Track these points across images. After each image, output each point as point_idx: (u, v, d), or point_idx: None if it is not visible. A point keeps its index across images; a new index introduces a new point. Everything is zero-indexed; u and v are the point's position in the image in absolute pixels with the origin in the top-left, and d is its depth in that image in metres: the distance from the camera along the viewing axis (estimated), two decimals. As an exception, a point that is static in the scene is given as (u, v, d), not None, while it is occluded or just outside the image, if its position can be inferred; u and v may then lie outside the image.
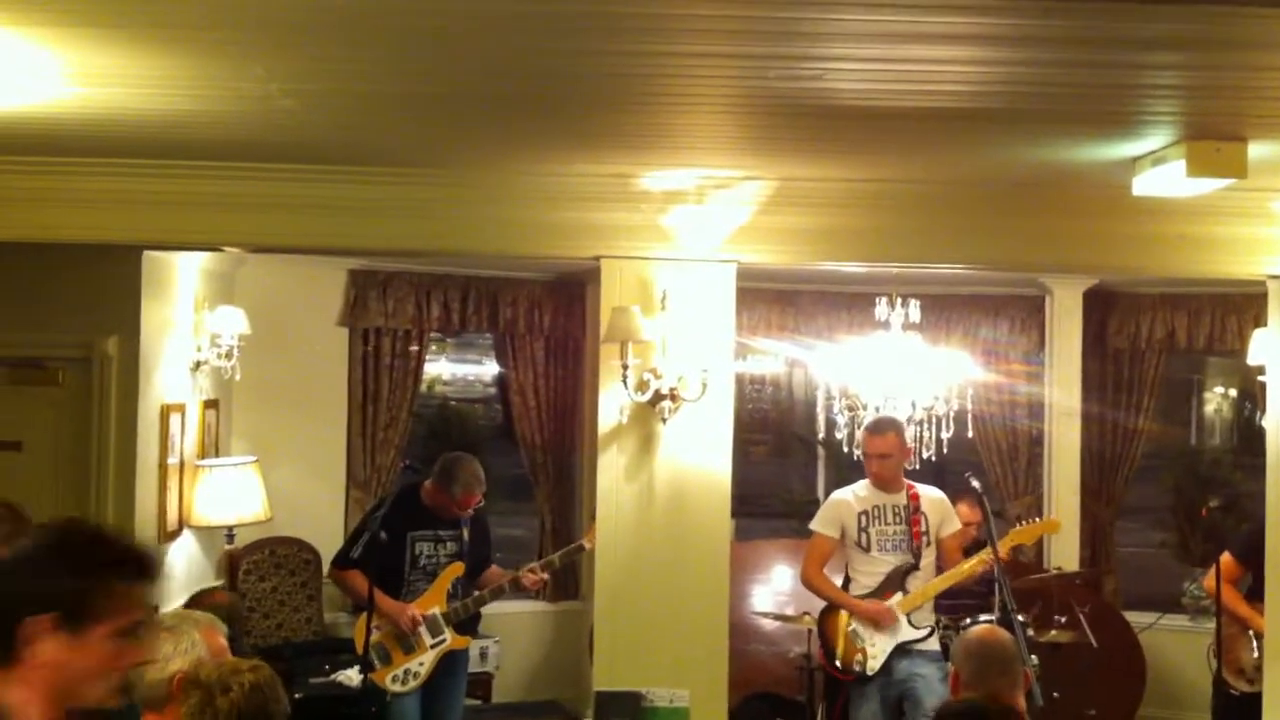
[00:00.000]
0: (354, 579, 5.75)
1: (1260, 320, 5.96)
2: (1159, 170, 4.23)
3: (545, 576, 6.09)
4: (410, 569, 5.85)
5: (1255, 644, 5.90)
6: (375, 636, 5.54)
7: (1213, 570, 5.98)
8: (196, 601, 3.97)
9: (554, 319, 8.27)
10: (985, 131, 4.17)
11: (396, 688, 5.76)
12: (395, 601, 5.76)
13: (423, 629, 5.79)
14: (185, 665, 3.09)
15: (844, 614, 5.89)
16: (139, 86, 3.73)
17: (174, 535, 6.73)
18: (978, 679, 3.63)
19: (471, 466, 5.86)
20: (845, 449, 7.09)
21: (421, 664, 5.79)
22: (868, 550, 5.87)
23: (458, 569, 5.88)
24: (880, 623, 5.77)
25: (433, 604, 5.83)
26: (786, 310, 8.45)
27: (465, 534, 5.93)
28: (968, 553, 6.10)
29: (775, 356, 8.84)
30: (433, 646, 5.80)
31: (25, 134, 4.48)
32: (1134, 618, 7.84)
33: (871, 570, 5.87)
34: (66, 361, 6.26)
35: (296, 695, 6.13)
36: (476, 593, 5.94)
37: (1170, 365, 8.41)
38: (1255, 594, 5.86)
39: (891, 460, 5.88)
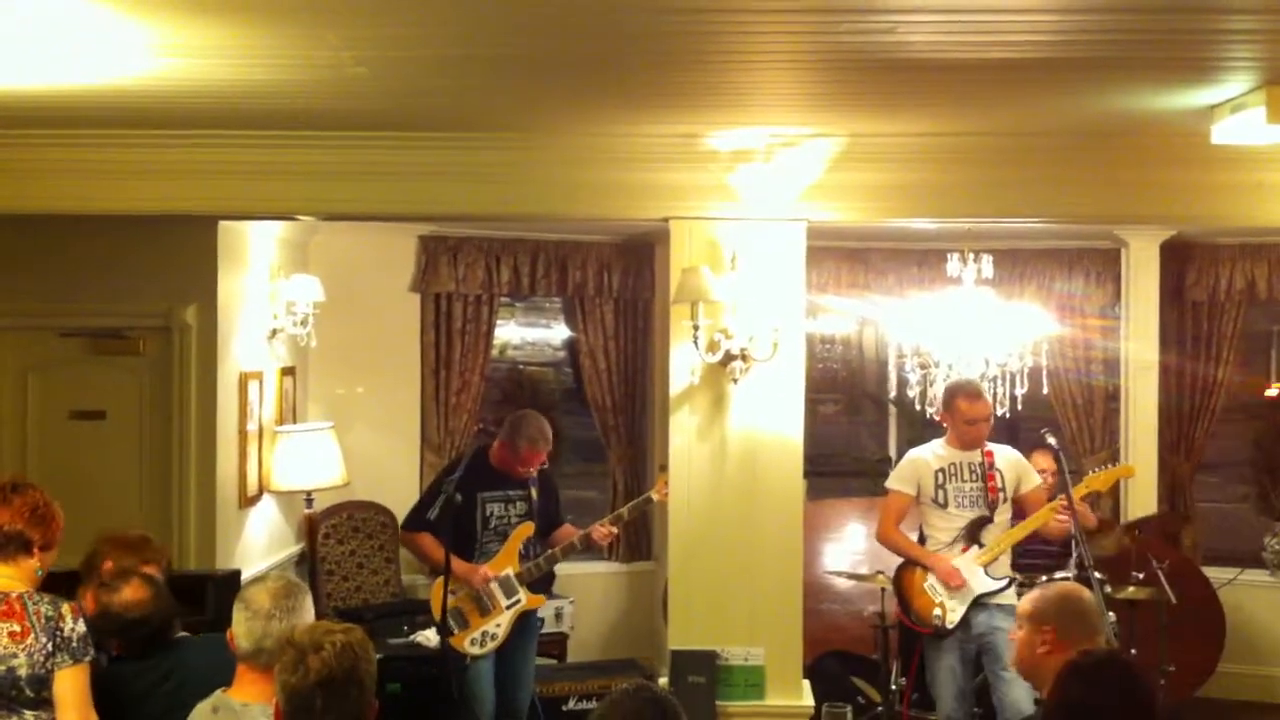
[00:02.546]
0: (425, 542, 5.77)
1: (1344, 269, 5.84)
2: (1238, 117, 4.14)
3: (615, 530, 6.08)
4: (482, 530, 5.86)
5: None
6: (452, 601, 5.54)
7: None
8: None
9: (623, 281, 8.28)
10: (1059, 82, 4.10)
11: (475, 650, 5.78)
12: (466, 563, 5.76)
13: (496, 589, 5.83)
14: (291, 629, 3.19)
15: (920, 569, 5.89)
16: (219, 58, 3.78)
17: (254, 500, 6.86)
18: (1064, 631, 3.59)
19: (537, 423, 5.83)
20: (917, 407, 7.06)
21: (499, 625, 5.83)
22: (945, 506, 5.86)
23: (528, 529, 5.90)
24: (949, 583, 5.76)
25: (505, 564, 5.86)
26: (857, 268, 8.40)
27: (534, 493, 5.95)
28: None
29: (846, 315, 8.80)
30: (508, 607, 5.83)
31: (106, 107, 4.56)
32: (1214, 573, 7.74)
33: (948, 526, 5.86)
34: (147, 331, 6.37)
35: (377, 656, 6.24)
36: (549, 551, 5.96)
37: (1250, 317, 8.26)
38: None
39: (988, 425, 5.88)
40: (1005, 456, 5.95)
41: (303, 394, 7.66)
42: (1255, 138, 4.24)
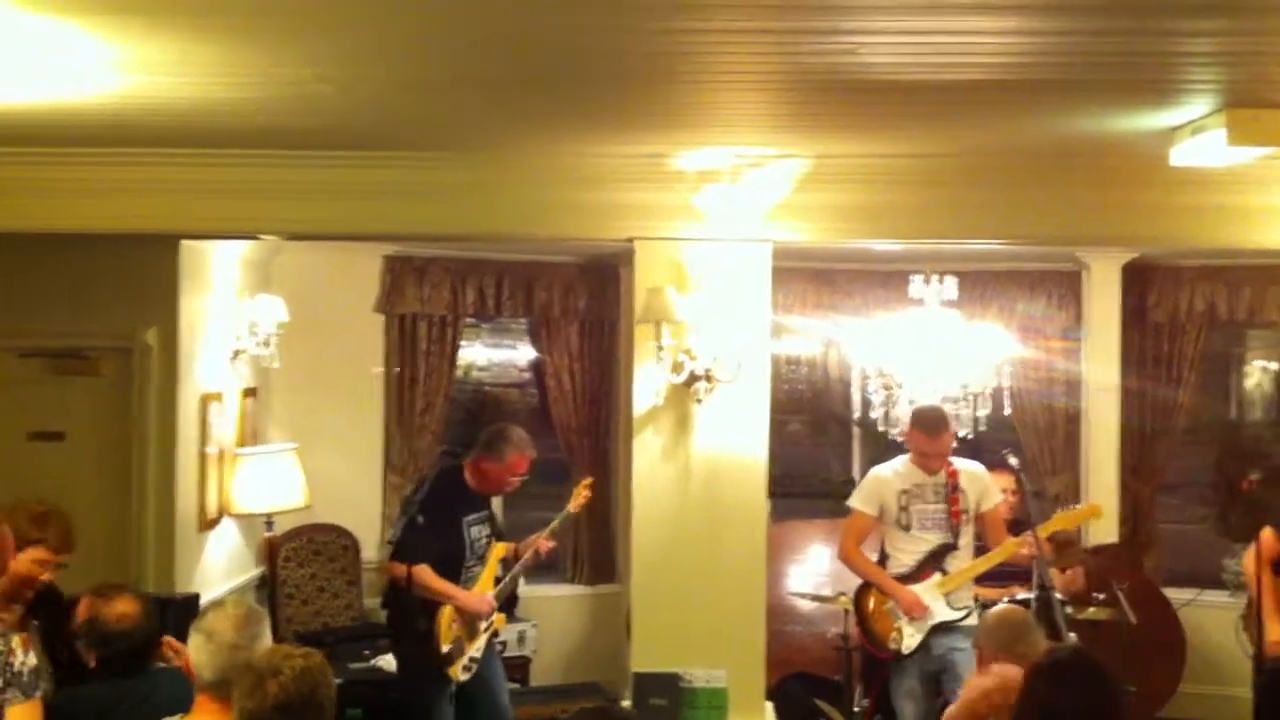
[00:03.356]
0: (425, 575, 5.46)
1: (1302, 291, 5.91)
2: (1198, 140, 4.19)
3: (553, 543, 5.94)
4: (469, 555, 5.72)
5: None
6: (456, 630, 5.52)
7: (1251, 550, 5.94)
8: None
9: (588, 302, 8.28)
10: (1021, 103, 4.13)
11: (465, 677, 5.67)
12: (469, 594, 5.64)
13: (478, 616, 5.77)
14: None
15: (880, 593, 5.88)
16: (181, 75, 3.75)
17: (214, 523, 6.79)
18: (1003, 648, 3.65)
19: (520, 431, 5.80)
20: (881, 428, 7.08)
21: (479, 649, 5.77)
22: (907, 529, 5.85)
23: (502, 549, 5.84)
24: (910, 614, 5.74)
25: (487, 587, 5.81)
26: (822, 289, 8.43)
27: (492, 513, 5.90)
28: (1011, 533, 6.05)
29: (811, 336, 8.82)
30: (485, 630, 5.78)
31: (67, 125, 4.53)
32: (1174, 594, 7.79)
33: (911, 549, 5.85)
34: (107, 351, 6.32)
35: (337, 681, 6.17)
36: (514, 571, 5.86)
37: (1210, 339, 8.33)
38: None
39: (941, 460, 5.85)
40: (970, 473, 5.94)
41: (265, 415, 7.60)
42: (1215, 159, 4.28)
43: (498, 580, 5.82)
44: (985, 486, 5.97)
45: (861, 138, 4.88)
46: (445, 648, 5.49)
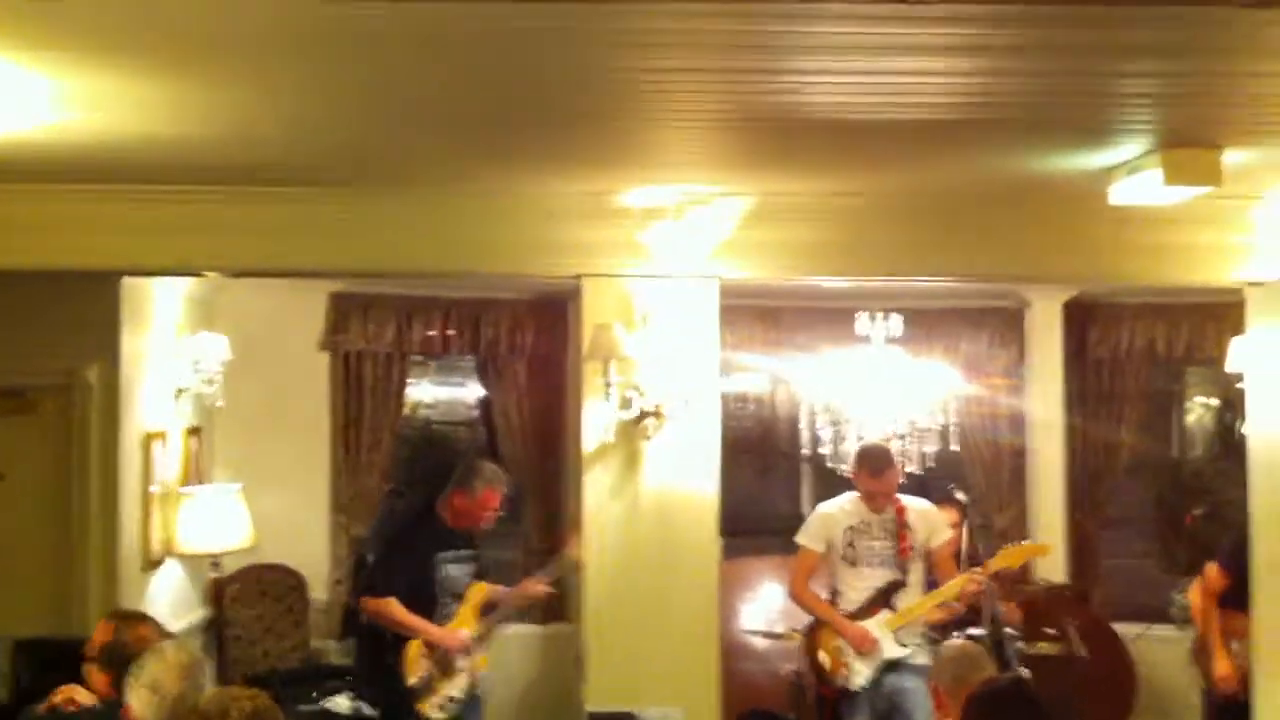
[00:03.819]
0: (393, 609, 5.54)
1: (1239, 328, 6.00)
2: (1136, 179, 4.26)
3: (546, 587, 5.94)
4: (441, 592, 5.68)
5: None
6: (425, 666, 5.48)
7: (1195, 584, 6.02)
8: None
9: (536, 339, 8.25)
10: (963, 142, 4.19)
11: (439, 715, 5.59)
12: (439, 628, 5.61)
13: (453, 655, 5.71)
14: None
15: (831, 628, 5.88)
16: (122, 110, 3.73)
17: (158, 564, 6.69)
18: (958, 683, 3.67)
19: (491, 466, 5.84)
20: (830, 465, 7.10)
21: (460, 689, 5.69)
22: (855, 565, 5.86)
23: (483, 589, 5.79)
24: (860, 649, 5.75)
25: (466, 625, 5.75)
26: (769, 327, 8.46)
27: (477, 553, 5.84)
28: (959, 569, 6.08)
29: (759, 373, 8.85)
30: (464, 669, 5.70)
31: (3, 160, 4.46)
32: (1122, 628, 7.84)
33: (859, 585, 5.86)
34: (47, 390, 6.23)
35: (285, 722, 6.09)
36: (503, 611, 5.84)
37: (1151, 375, 8.44)
38: (1234, 602, 5.87)
39: (887, 498, 5.88)
40: (918, 510, 5.96)
41: (209, 454, 7.51)
42: (1152, 198, 4.36)
43: (479, 618, 5.76)
44: (934, 524, 5.99)
45: (807, 175, 4.92)
46: (411, 680, 5.45)
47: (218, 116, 3.84)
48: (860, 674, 5.74)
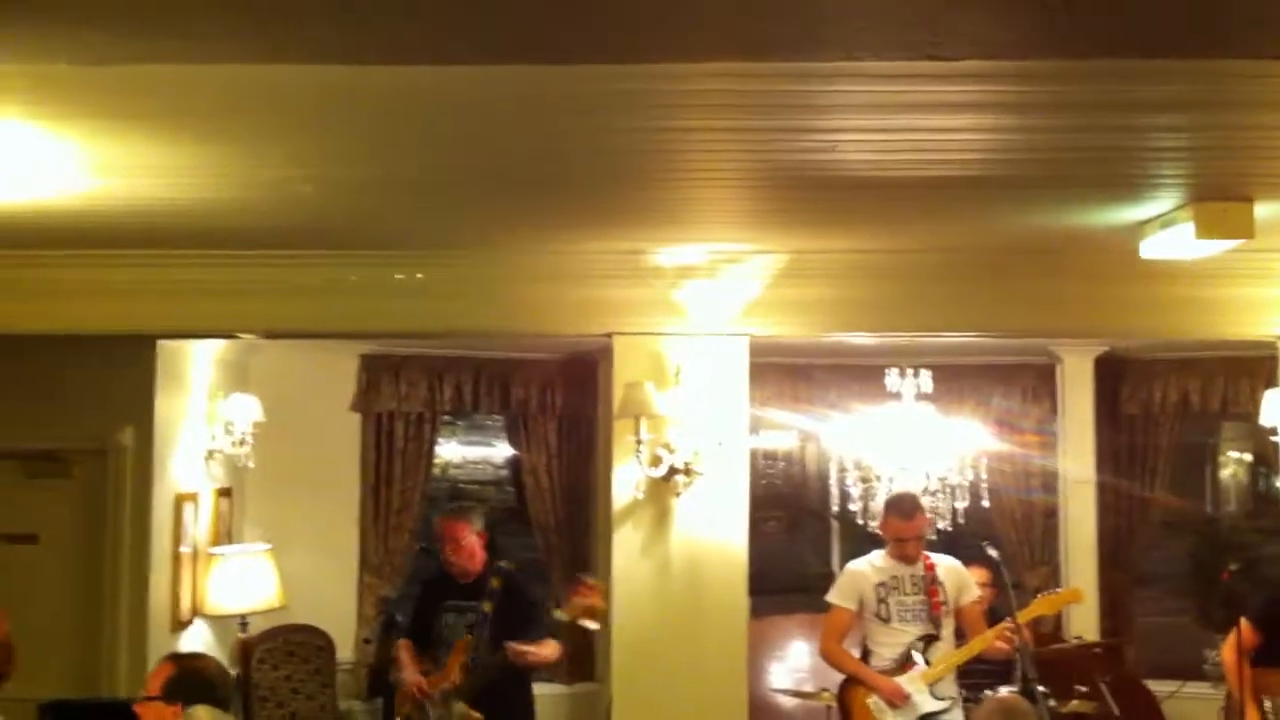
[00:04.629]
0: (399, 649, 5.83)
1: (1272, 381, 5.96)
2: (1167, 233, 4.26)
3: (529, 649, 5.52)
4: (437, 640, 5.71)
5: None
6: (405, 709, 5.52)
7: (1229, 640, 5.93)
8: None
9: (566, 398, 8.27)
10: (994, 198, 4.20)
11: None
12: (413, 674, 5.68)
13: (434, 704, 5.68)
14: None
15: (865, 687, 5.82)
16: (157, 176, 3.78)
17: (186, 624, 6.69)
18: None
19: (454, 506, 5.96)
20: (860, 521, 7.07)
21: None
22: (888, 621, 5.81)
23: (465, 643, 5.74)
24: (894, 704, 5.70)
25: (445, 679, 5.71)
26: (799, 384, 8.45)
27: (486, 606, 5.78)
28: (990, 625, 6.03)
29: (789, 431, 8.84)
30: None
31: (41, 227, 4.53)
32: (1156, 686, 7.74)
33: (892, 642, 5.80)
34: (81, 453, 6.26)
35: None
36: (485, 661, 5.77)
37: (1184, 430, 8.39)
38: (1267, 659, 5.78)
39: (919, 543, 5.84)
40: (947, 567, 5.92)
41: (239, 515, 7.53)
42: (1184, 252, 4.35)
43: (466, 671, 5.71)
44: (963, 580, 5.95)
45: (837, 234, 4.94)
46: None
47: (250, 181, 3.89)
48: (897, 732, 5.68)
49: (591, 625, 5.58)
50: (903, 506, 5.87)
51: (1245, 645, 5.84)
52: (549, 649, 5.69)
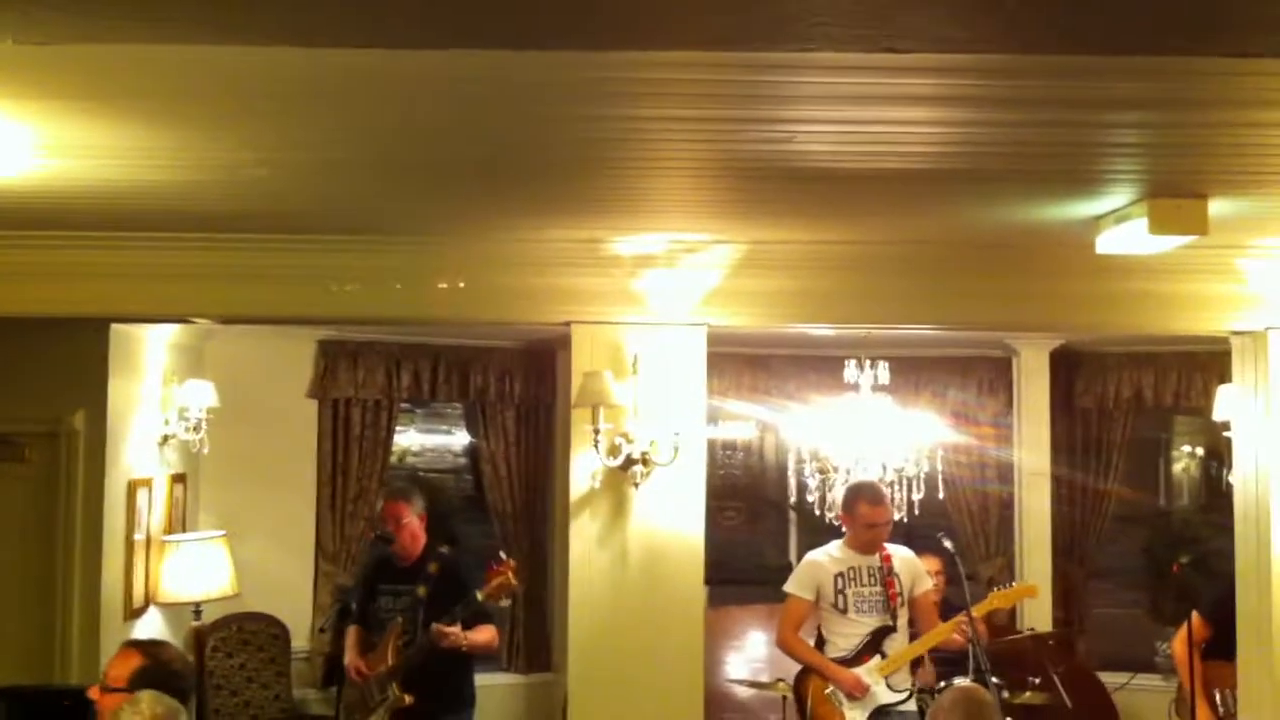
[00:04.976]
0: (346, 637, 6.01)
1: (1225, 377, 6.02)
2: (1122, 228, 4.28)
3: (451, 630, 5.57)
4: (373, 623, 5.86)
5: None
6: (349, 697, 5.61)
7: (1180, 633, 5.99)
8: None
9: (525, 387, 8.26)
10: (951, 192, 4.22)
11: None
12: (354, 657, 5.83)
13: (372, 686, 5.70)
14: None
15: (821, 678, 5.85)
16: (109, 158, 3.72)
17: (140, 612, 6.64)
18: None
19: (395, 486, 6.03)
20: (818, 512, 7.09)
21: None
22: (845, 612, 5.84)
23: (396, 626, 5.74)
24: (853, 694, 5.73)
25: (380, 662, 5.72)
26: (758, 374, 8.48)
27: (421, 590, 5.76)
28: (944, 617, 6.09)
29: (747, 422, 8.86)
30: (380, 703, 5.64)
31: (-8, 207, 4.47)
32: (1108, 678, 7.83)
33: (849, 632, 5.84)
34: (33, 437, 6.19)
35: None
36: (415, 644, 5.68)
37: (1138, 424, 8.46)
38: (1217, 652, 5.85)
39: (887, 528, 5.89)
40: (902, 558, 5.97)
41: (194, 502, 7.48)
42: (1138, 247, 4.38)
43: (398, 654, 5.70)
44: (917, 571, 6.00)
45: (796, 225, 4.94)
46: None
47: (204, 164, 3.84)
48: (854, 722, 5.72)
49: (504, 603, 5.84)
50: (873, 493, 5.93)
51: (1196, 638, 5.91)
52: (483, 634, 5.70)
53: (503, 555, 5.94)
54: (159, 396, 6.85)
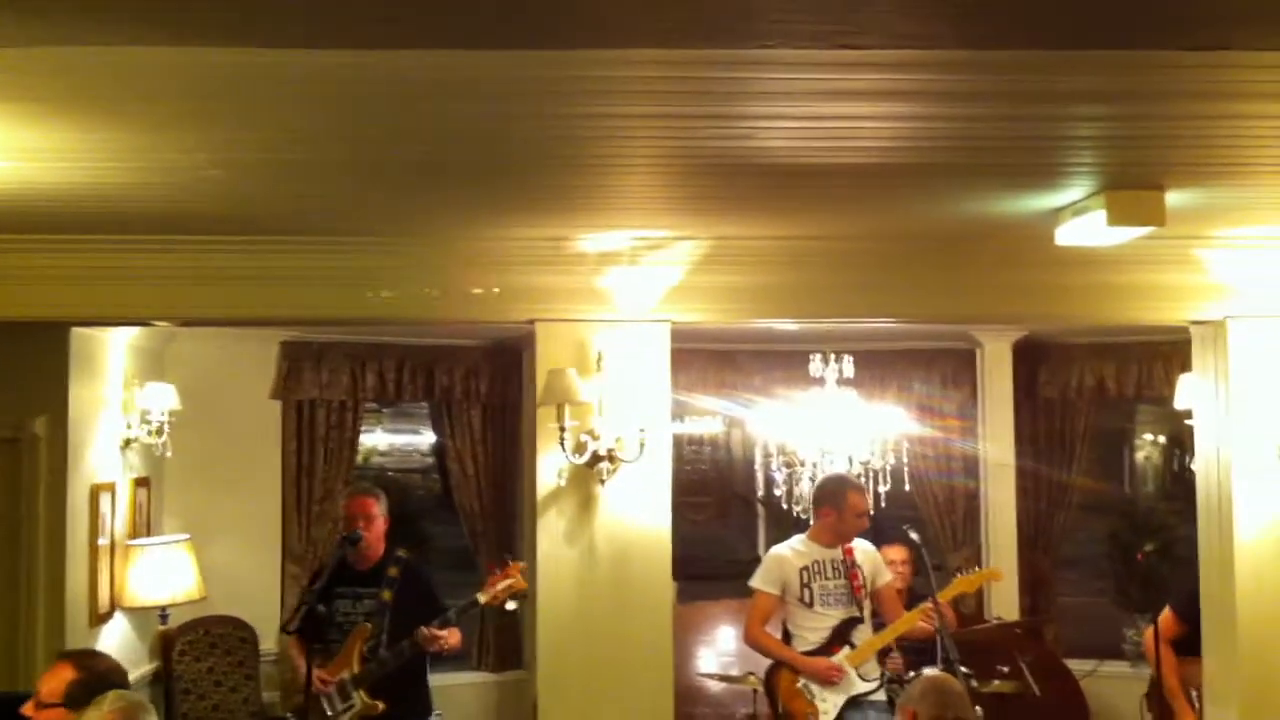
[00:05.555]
0: (290, 647, 5.83)
1: (1186, 366, 6.08)
2: (1080, 220, 4.31)
3: (442, 634, 5.59)
4: (330, 627, 5.62)
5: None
6: (295, 701, 5.48)
7: (1150, 628, 5.99)
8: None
9: (491, 386, 8.24)
10: (911, 186, 4.23)
11: None
12: (319, 668, 5.55)
13: (333, 694, 5.61)
14: None
15: (791, 671, 5.87)
16: (65, 160, 3.70)
17: (105, 617, 6.59)
18: (940, 714, 3.66)
19: (360, 484, 5.97)
20: (785, 506, 7.11)
21: None
22: (811, 606, 5.86)
23: (364, 630, 5.68)
24: (831, 681, 5.76)
25: (343, 668, 5.64)
26: (725, 370, 8.49)
27: (386, 594, 5.70)
28: (909, 605, 6.13)
29: (714, 417, 8.88)
30: (343, 711, 5.57)
31: (-52, 211, 4.42)
32: (1075, 665, 7.89)
33: (816, 626, 5.86)
34: (-7, 442, 6.13)
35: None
36: (385, 652, 5.63)
37: (1101, 414, 8.53)
38: (1189, 649, 5.83)
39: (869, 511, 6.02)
40: (863, 550, 6.02)
41: (158, 506, 7.42)
42: (1097, 239, 4.41)
43: (365, 661, 5.65)
44: (877, 562, 6.06)
45: (758, 220, 4.95)
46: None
47: (160, 166, 3.81)
48: (826, 714, 5.74)
49: (511, 605, 5.62)
50: (857, 481, 6.12)
51: (1165, 634, 5.86)
52: (455, 636, 5.69)
53: (508, 558, 5.89)
54: (120, 400, 6.79)
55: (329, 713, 5.58)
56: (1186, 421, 5.99)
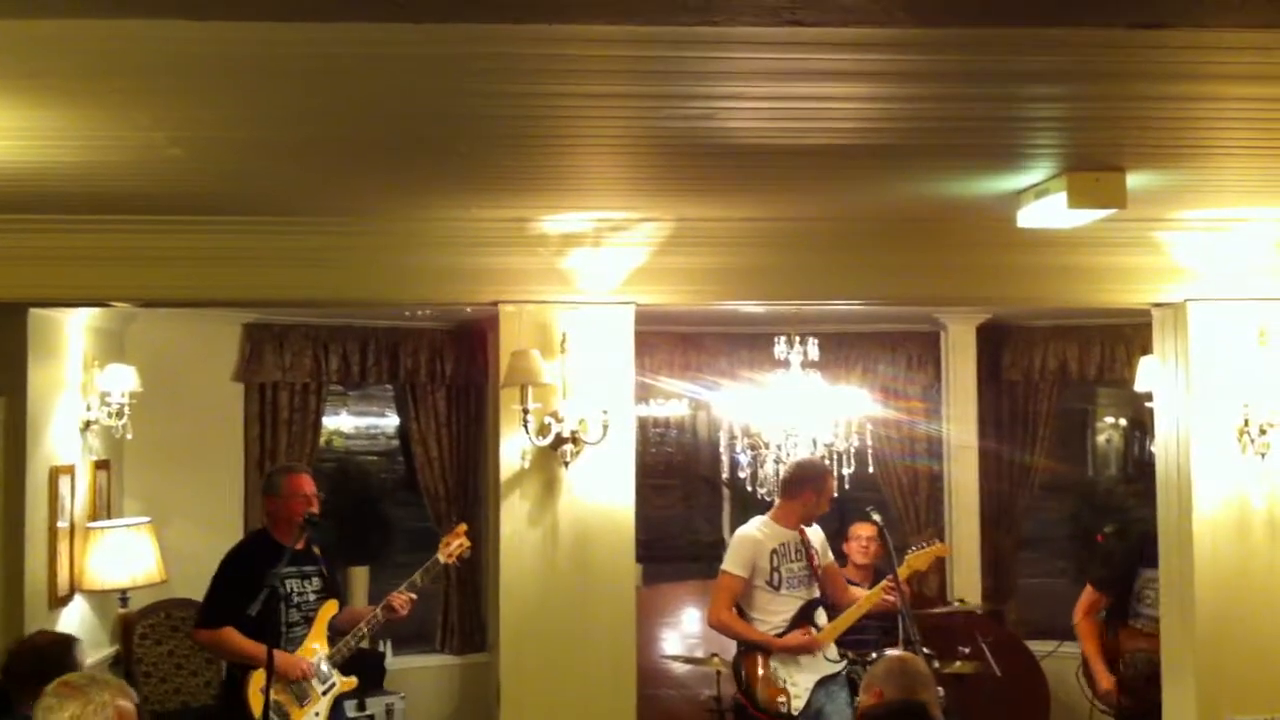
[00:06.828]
0: (230, 637, 5.41)
1: (1147, 349, 6.12)
2: (1042, 202, 4.32)
3: (413, 596, 5.70)
4: (287, 610, 5.51)
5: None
6: (269, 695, 5.29)
7: (1078, 602, 6.28)
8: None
9: (455, 368, 8.21)
10: (873, 167, 4.23)
11: None
12: (284, 654, 5.40)
13: (315, 677, 5.59)
14: None
15: (760, 655, 5.87)
16: (18, 139, 3.64)
17: (65, 600, 6.53)
18: (906, 694, 3.69)
19: (290, 464, 6.06)
20: (750, 488, 7.12)
21: (318, 715, 5.56)
22: (778, 589, 5.88)
23: (333, 606, 5.65)
24: (811, 651, 5.80)
25: (315, 646, 5.64)
26: (689, 352, 8.49)
27: (324, 570, 5.68)
28: (874, 583, 6.18)
29: (679, 399, 8.87)
30: (324, 693, 5.55)
31: (-101, 190, 4.36)
32: (1036, 646, 7.94)
33: (779, 609, 5.88)
34: (-49, 424, 6.06)
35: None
36: (357, 628, 5.65)
37: (1063, 396, 8.58)
38: (1121, 614, 6.13)
39: None
40: (813, 531, 6.09)
41: (118, 488, 7.36)
42: (1058, 221, 4.42)
43: (333, 641, 5.64)
44: (824, 542, 6.15)
45: (720, 202, 4.94)
46: (257, 716, 5.28)
47: (117, 144, 3.76)
48: (798, 697, 5.78)
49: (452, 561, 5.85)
50: (827, 467, 6.06)
51: (1084, 606, 6.23)
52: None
53: (453, 519, 5.98)
54: (80, 382, 6.73)
55: (301, 698, 5.52)
56: (1147, 404, 6.05)
